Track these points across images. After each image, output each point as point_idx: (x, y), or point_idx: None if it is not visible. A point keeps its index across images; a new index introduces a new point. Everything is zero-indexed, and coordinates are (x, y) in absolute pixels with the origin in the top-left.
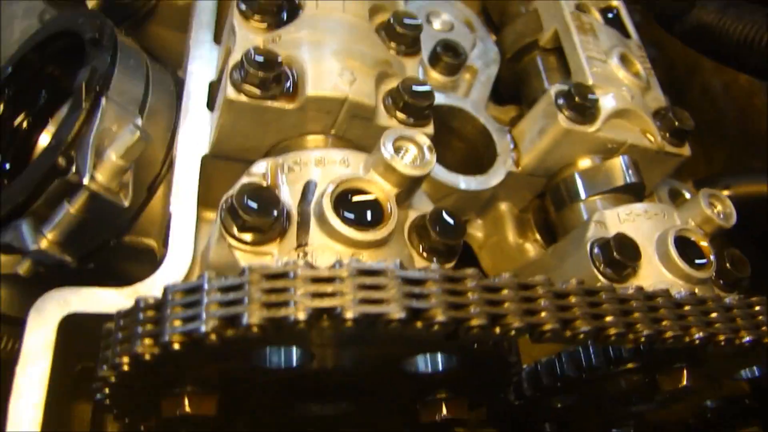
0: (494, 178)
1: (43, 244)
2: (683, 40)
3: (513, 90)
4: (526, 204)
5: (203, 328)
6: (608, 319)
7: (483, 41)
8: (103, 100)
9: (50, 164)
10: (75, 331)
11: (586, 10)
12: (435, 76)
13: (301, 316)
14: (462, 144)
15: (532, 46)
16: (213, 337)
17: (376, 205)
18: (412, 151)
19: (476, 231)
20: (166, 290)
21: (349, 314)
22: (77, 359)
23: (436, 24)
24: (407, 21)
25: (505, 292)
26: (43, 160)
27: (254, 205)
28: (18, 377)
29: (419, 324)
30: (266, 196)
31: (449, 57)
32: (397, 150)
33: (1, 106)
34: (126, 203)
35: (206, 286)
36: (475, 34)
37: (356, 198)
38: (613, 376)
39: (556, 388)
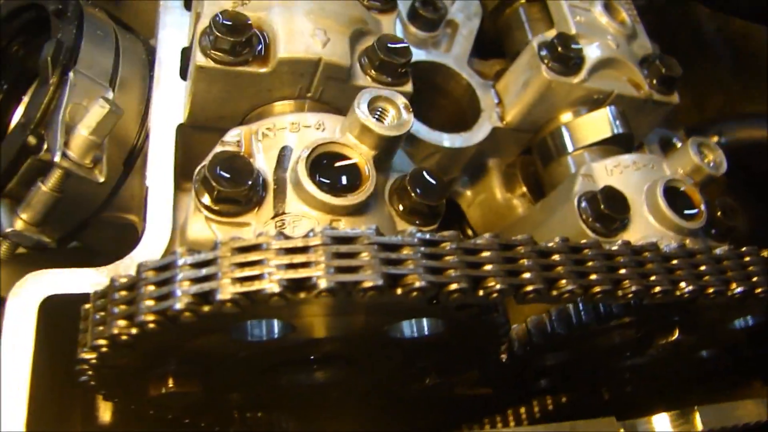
0: (479, 134)
1: (19, 225)
2: None
3: (496, 43)
4: (514, 159)
5: (177, 306)
6: (594, 276)
7: None
8: (71, 74)
9: (20, 144)
10: (58, 313)
11: None
12: (415, 32)
13: (275, 288)
14: (446, 101)
15: None
16: (187, 314)
17: (353, 169)
18: (390, 111)
19: (464, 188)
20: (139, 269)
21: (323, 284)
22: (66, 340)
23: None
24: None
25: (486, 253)
26: (14, 140)
27: (227, 174)
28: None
29: (398, 291)
30: (239, 165)
31: (428, 12)
32: (374, 111)
33: None
34: (101, 179)
35: (179, 263)
36: None
37: (332, 162)
38: (604, 332)
39: (546, 346)
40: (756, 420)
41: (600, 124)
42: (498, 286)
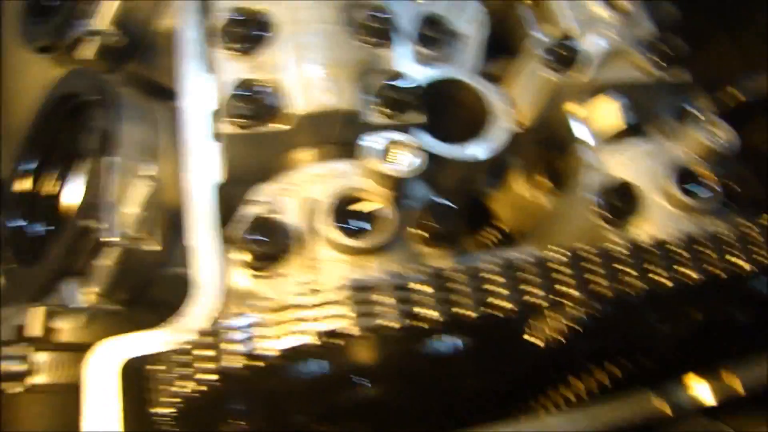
0: (497, 141)
1: (91, 299)
2: None
3: (504, 43)
4: (535, 155)
5: (234, 365)
6: (601, 281)
7: (468, 3)
8: (115, 157)
9: (80, 230)
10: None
11: None
12: (424, 51)
13: (316, 340)
14: (461, 111)
15: None
16: (244, 371)
17: (375, 211)
18: (403, 151)
19: (489, 189)
20: (195, 332)
21: (356, 331)
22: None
23: None
24: (377, 14)
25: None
26: (73, 226)
27: (261, 237)
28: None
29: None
30: (271, 226)
31: (435, 32)
32: (387, 153)
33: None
34: (158, 248)
35: (231, 325)
36: None
37: (355, 208)
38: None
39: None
40: None
41: (610, 116)
42: (510, 307)
